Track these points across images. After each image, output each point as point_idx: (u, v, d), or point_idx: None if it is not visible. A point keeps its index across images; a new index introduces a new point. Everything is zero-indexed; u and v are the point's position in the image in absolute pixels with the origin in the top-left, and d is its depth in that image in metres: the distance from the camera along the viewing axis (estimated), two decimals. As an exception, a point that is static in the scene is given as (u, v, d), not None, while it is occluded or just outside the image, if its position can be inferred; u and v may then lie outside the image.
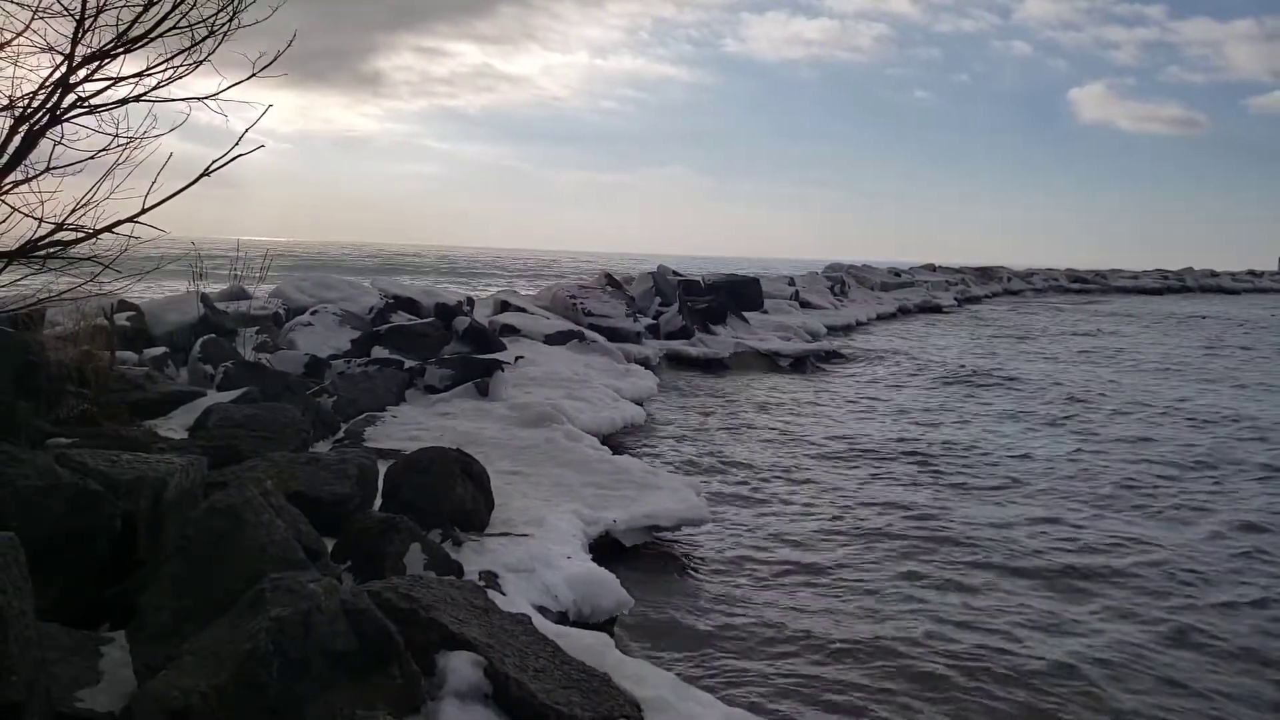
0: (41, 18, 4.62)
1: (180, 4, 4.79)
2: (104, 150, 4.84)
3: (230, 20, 4.85)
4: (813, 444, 9.90)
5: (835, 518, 7.22)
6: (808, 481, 8.34)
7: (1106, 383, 15.00)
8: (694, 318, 17.10)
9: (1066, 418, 11.89)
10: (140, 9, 4.75)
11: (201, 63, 4.94)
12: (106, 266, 4.95)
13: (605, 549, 5.72)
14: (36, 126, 4.68)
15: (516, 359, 10.79)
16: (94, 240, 4.85)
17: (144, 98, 4.91)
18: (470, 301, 13.37)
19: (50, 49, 4.71)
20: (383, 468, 5.44)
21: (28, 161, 4.72)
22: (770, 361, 16.24)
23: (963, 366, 16.62)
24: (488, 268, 58.85)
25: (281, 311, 11.15)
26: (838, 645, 4.92)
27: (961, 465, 9.08)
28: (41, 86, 4.70)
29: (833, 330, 21.71)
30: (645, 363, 13.72)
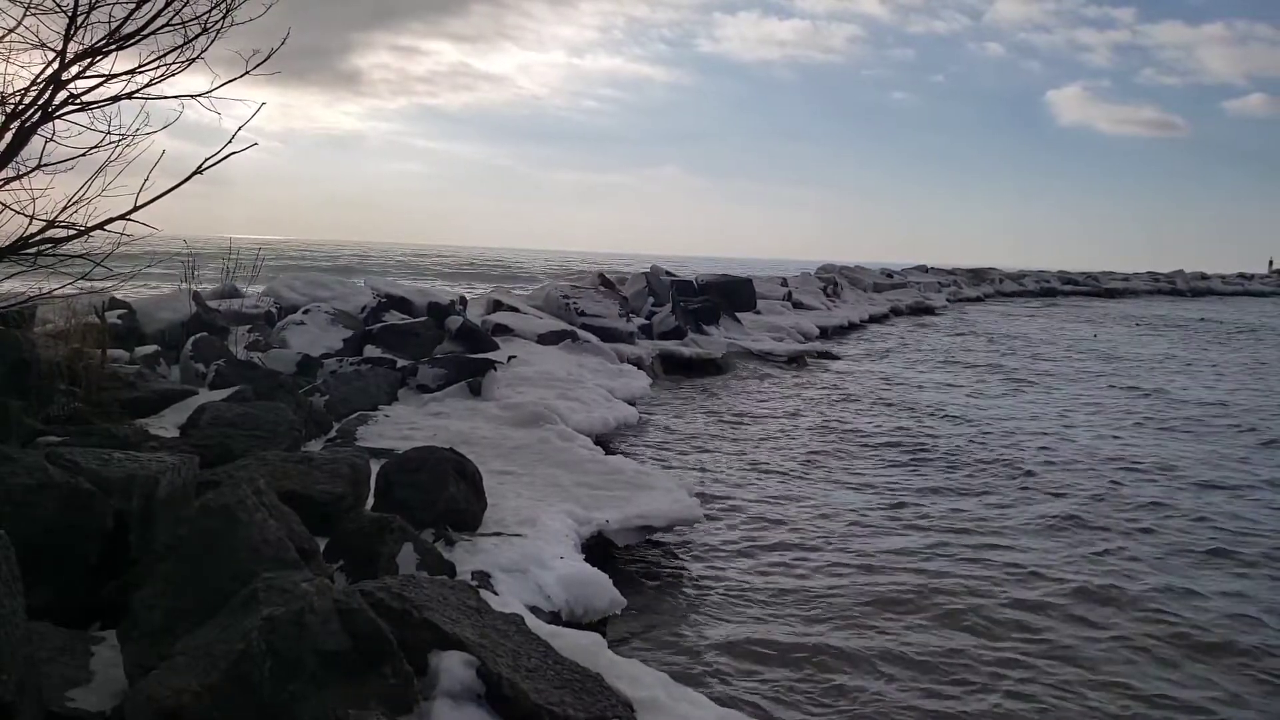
0: (34, 14, 4.61)
1: (173, 1, 4.77)
2: (95, 148, 4.83)
3: (224, 18, 4.84)
4: (805, 444, 9.91)
5: (828, 518, 7.23)
6: (800, 481, 8.35)
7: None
8: (687, 318, 17.11)
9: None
10: (133, 6, 4.74)
11: (194, 60, 4.93)
12: (98, 264, 4.93)
13: (598, 549, 5.72)
14: (28, 123, 4.66)
15: (509, 359, 10.78)
16: (85, 238, 4.84)
17: (136, 95, 4.90)
18: (463, 301, 13.34)
19: (42, 45, 4.70)
20: (375, 467, 5.42)
21: (19, 158, 4.70)
22: (763, 361, 16.25)
23: (952, 360, 16.66)
24: (478, 267, 58.75)
25: (274, 310, 11.12)
26: (831, 646, 4.93)
27: (956, 464, 9.10)
28: (33, 83, 4.68)
29: (825, 331, 21.74)
30: (638, 363, 13.72)
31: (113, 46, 4.78)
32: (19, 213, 4.68)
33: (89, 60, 4.76)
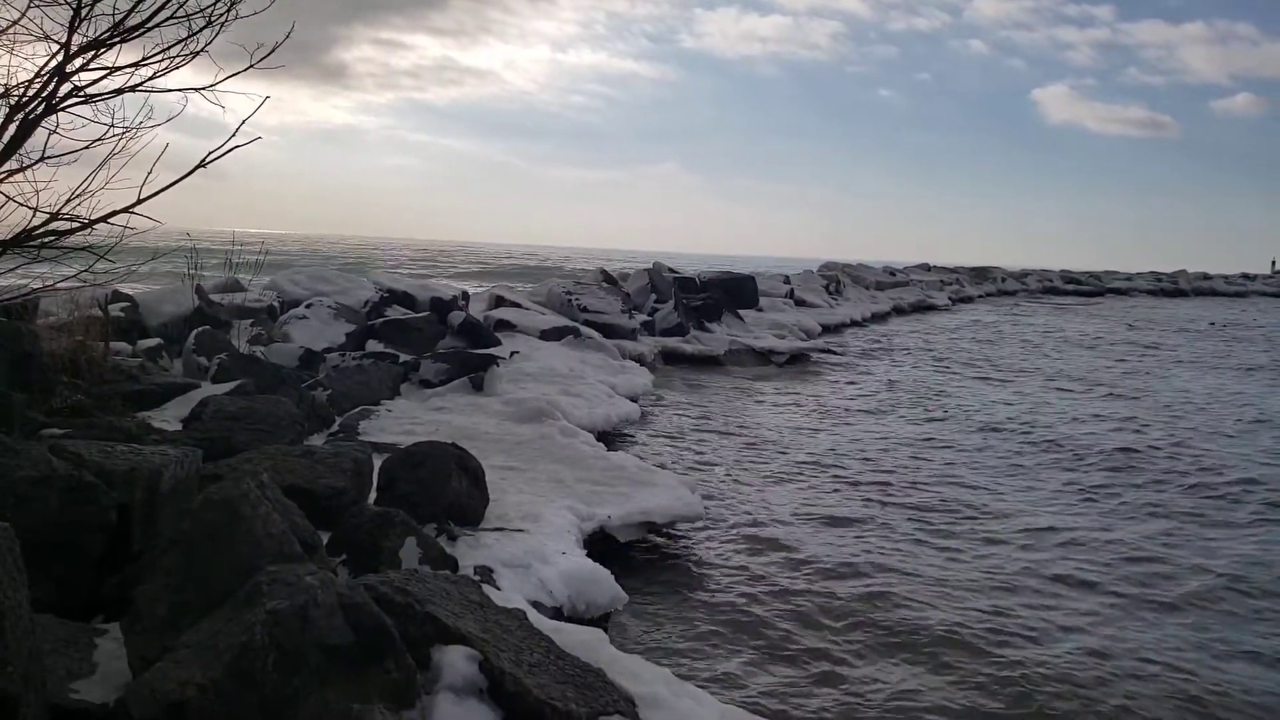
0: (38, 6, 4.60)
1: (177, -7, 4.76)
2: (99, 140, 4.81)
3: (228, 10, 4.83)
4: (806, 441, 9.91)
5: (829, 514, 7.22)
6: (802, 478, 8.35)
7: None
8: (689, 315, 17.10)
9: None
10: (137, -2, 4.72)
11: (198, 54, 4.92)
12: (101, 257, 4.92)
13: (600, 545, 5.72)
14: (32, 115, 4.65)
15: (511, 354, 10.78)
16: (89, 231, 4.83)
17: (140, 88, 4.88)
18: (465, 296, 13.35)
19: (47, 37, 4.68)
20: (378, 462, 5.43)
21: (23, 150, 4.69)
22: (765, 359, 16.25)
23: (958, 355, 16.66)
24: (476, 261, 58.69)
25: (276, 304, 11.12)
26: (833, 641, 4.93)
27: (957, 461, 9.10)
28: (37, 75, 4.68)
29: (827, 329, 21.73)
30: (640, 359, 13.72)
31: (117, 39, 4.77)
32: (23, 205, 4.67)
33: (93, 53, 4.75)
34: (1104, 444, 10.15)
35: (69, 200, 4.73)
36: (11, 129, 4.62)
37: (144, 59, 4.82)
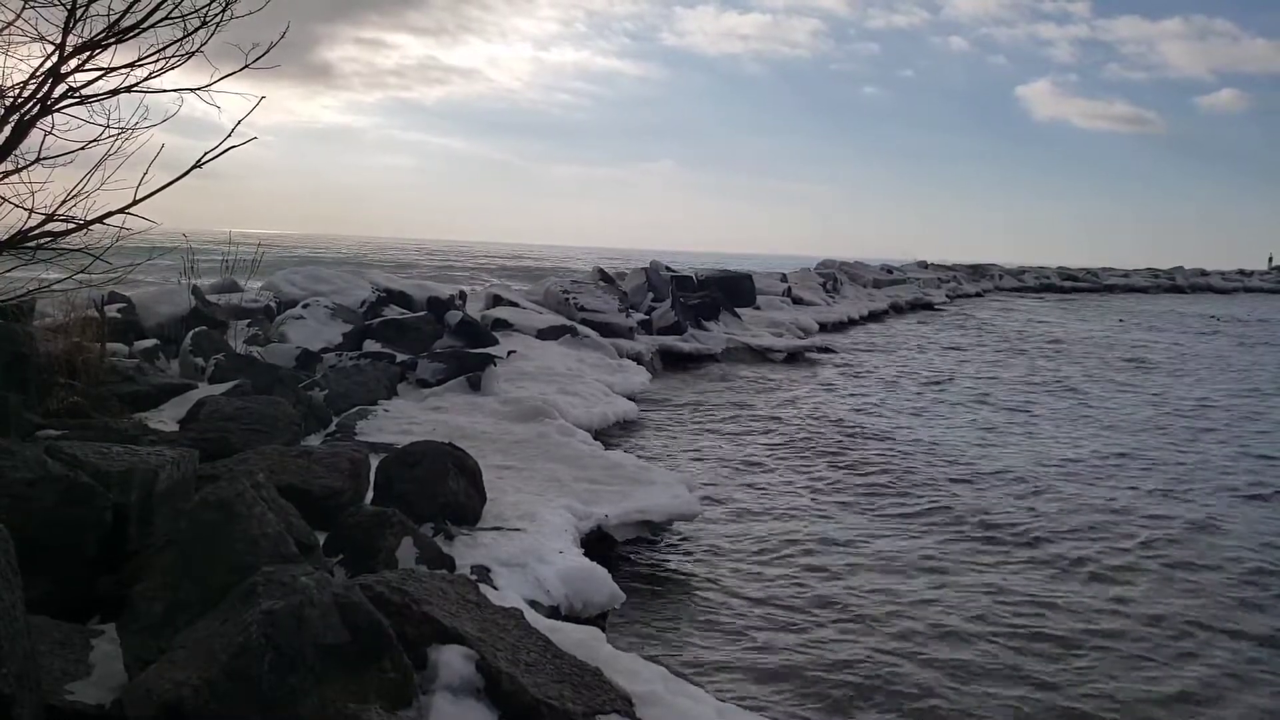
0: (32, 7, 4.59)
1: (172, -7, 4.75)
2: (95, 141, 4.81)
3: (223, 11, 4.83)
4: (803, 440, 9.91)
5: (827, 514, 7.23)
6: (799, 478, 8.35)
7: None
8: (687, 313, 17.09)
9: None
10: (132, -1, 4.72)
11: (193, 54, 4.91)
12: (97, 258, 4.91)
13: (597, 544, 5.73)
14: (27, 116, 4.65)
15: (509, 353, 10.78)
16: (85, 231, 4.82)
17: (135, 89, 4.88)
18: (462, 295, 13.34)
19: (41, 38, 4.68)
20: (374, 461, 5.42)
21: (18, 152, 4.68)
22: (762, 357, 16.26)
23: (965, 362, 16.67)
24: (473, 260, 58.62)
25: (273, 304, 11.11)
26: (830, 640, 4.93)
27: (955, 459, 9.10)
28: (32, 76, 4.67)
29: (825, 327, 21.73)
30: (638, 358, 13.72)
31: (112, 40, 4.76)
32: (18, 206, 4.66)
33: (88, 54, 4.74)
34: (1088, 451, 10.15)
35: (65, 201, 4.72)
36: (6, 130, 4.61)
37: (139, 60, 4.81)
